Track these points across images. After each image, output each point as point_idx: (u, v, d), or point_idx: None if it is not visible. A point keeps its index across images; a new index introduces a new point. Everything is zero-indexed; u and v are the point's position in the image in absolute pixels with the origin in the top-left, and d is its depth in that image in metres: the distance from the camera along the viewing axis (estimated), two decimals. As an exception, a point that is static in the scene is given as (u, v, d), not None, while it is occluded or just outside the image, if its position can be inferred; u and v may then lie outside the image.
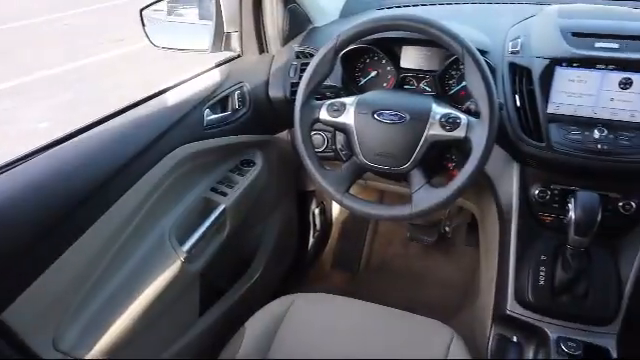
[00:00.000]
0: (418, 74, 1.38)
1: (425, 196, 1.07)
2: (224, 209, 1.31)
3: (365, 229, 2.18)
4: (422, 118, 1.08)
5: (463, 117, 1.07)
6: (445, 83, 1.35)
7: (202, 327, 1.35)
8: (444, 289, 2.00)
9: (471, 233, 1.99)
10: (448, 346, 1.09)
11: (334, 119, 1.14)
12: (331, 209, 2.15)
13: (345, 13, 1.72)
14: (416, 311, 1.20)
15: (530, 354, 1.19)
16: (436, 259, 2.12)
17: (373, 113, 1.11)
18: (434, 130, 1.07)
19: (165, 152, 1.17)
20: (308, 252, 2.01)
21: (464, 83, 1.11)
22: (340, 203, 1.14)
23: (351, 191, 1.15)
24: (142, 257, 1.14)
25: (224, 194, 1.34)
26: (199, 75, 1.38)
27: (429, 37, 1.08)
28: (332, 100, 1.17)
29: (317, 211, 1.99)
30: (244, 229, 1.50)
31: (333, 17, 1.69)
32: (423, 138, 1.07)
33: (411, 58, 1.38)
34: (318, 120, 1.16)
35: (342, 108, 1.14)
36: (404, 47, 1.38)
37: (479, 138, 1.03)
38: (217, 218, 1.30)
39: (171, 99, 1.24)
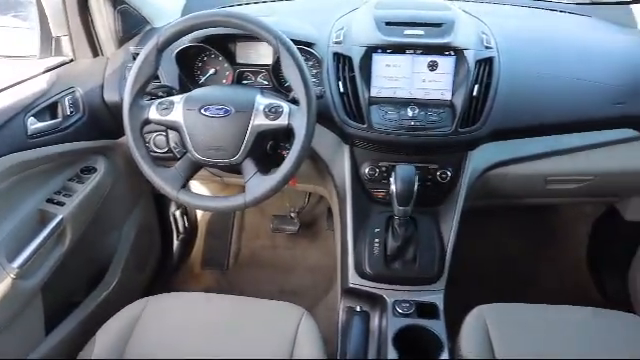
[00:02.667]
0: (254, 69, 1.43)
1: (257, 184, 1.12)
2: (62, 219, 1.26)
3: (231, 225, 2.20)
4: (246, 110, 1.13)
5: (285, 106, 1.13)
6: (279, 75, 1.41)
7: (51, 344, 1.28)
8: (313, 274, 2.09)
9: (331, 218, 2.10)
10: (297, 324, 1.15)
11: (163, 117, 1.16)
12: (195, 209, 2.15)
13: (186, 13, 1.72)
14: (286, 299, 1.25)
15: (376, 320, 1.29)
16: (303, 247, 2.20)
17: (200, 109, 1.14)
18: (259, 120, 1.12)
19: None
20: (173, 255, 1.99)
21: None
22: (176, 200, 1.16)
23: (213, 189, 1.17)
24: None
25: (61, 204, 1.29)
26: (21, 82, 1.30)
27: (246, 32, 1.13)
28: (161, 99, 1.18)
29: (178, 213, 1.98)
30: (93, 237, 1.45)
31: (174, 17, 1.68)
32: (249, 129, 1.12)
33: (245, 54, 1.43)
34: (148, 120, 1.16)
35: (171, 106, 1.16)
36: (239, 43, 1.43)
37: (300, 125, 1.10)
38: (54, 229, 1.24)
39: None
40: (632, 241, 1.73)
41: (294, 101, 1.17)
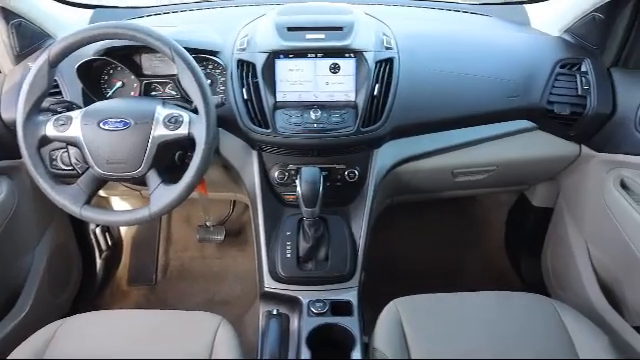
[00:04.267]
0: (161, 80, 1.42)
1: (161, 195, 1.12)
2: None
3: (157, 239, 2.16)
4: (146, 121, 1.12)
5: (185, 115, 1.13)
6: None
7: None
8: (243, 282, 2.09)
9: None
10: (215, 331, 1.14)
11: (61, 133, 1.13)
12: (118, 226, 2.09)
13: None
14: (216, 308, 1.23)
15: (295, 322, 1.30)
16: (233, 255, 2.18)
17: (99, 122, 1.12)
18: (159, 131, 1.12)
19: None
20: (97, 274, 1.93)
21: None
22: (79, 216, 1.14)
23: (134, 204, 1.14)
24: None
25: None
26: None
27: (142, 43, 1.12)
28: (58, 115, 1.15)
29: (98, 230, 1.92)
30: (0, 262, 1.39)
31: (80, 29, 1.64)
32: (150, 140, 1.11)
33: (151, 65, 1.42)
34: (46, 137, 1.14)
35: (68, 121, 1.14)
36: (144, 55, 1.41)
37: (200, 134, 1.10)
38: None
39: None
40: (541, 226, 1.83)
41: (196, 110, 1.17)
